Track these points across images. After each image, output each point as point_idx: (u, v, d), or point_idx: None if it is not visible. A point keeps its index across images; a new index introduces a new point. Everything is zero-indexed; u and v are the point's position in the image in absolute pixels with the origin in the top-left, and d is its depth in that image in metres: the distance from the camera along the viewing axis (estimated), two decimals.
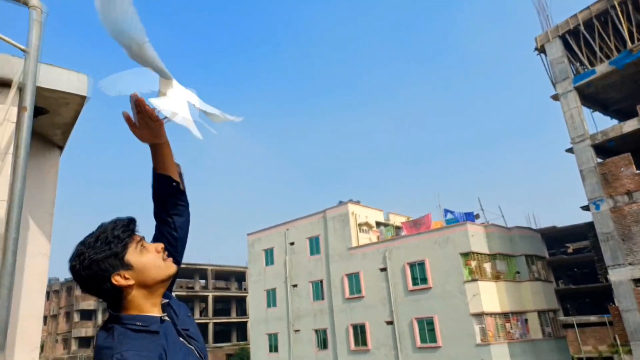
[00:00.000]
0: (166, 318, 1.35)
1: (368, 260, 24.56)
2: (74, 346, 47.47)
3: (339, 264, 25.82)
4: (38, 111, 2.79)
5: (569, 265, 38.54)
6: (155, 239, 1.49)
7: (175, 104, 1.31)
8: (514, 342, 20.93)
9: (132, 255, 1.30)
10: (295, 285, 27.88)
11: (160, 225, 1.51)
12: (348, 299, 24.89)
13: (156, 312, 1.34)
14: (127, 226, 1.32)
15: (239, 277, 53.51)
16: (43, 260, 3.23)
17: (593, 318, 30.85)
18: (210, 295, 46.69)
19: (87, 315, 48.78)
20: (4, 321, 1.99)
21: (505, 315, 21.42)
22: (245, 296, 46.57)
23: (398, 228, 27.68)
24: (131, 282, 1.29)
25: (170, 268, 1.35)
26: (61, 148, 3.53)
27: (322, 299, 26.31)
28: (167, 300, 1.40)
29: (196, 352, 1.36)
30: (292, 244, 28.80)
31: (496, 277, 21.92)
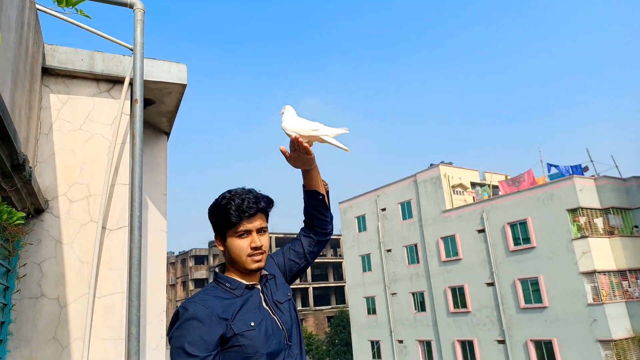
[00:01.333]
0: (257, 286, 1.53)
1: (464, 222, 23.85)
2: None
3: (433, 227, 25.40)
4: (146, 102, 3.07)
5: None
6: (290, 250, 1.76)
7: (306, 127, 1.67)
8: (633, 301, 19.30)
9: (231, 233, 1.49)
10: (389, 250, 28.03)
11: (303, 238, 1.77)
12: (445, 262, 24.51)
13: (247, 280, 1.52)
14: (243, 211, 1.48)
15: (334, 244, 55.05)
16: (162, 236, 3.62)
17: None
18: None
19: (200, 283, 53.58)
20: (137, 286, 2.29)
21: (622, 273, 19.73)
22: (341, 262, 47.89)
23: (495, 187, 26.39)
24: (222, 249, 1.54)
25: (248, 265, 1.50)
26: (167, 134, 3.87)
27: (418, 262, 26.20)
28: (267, 273, 1.59)
29: (278, 323, 1.49)
30: (383, 209, 28.83)
31: (610, 232, 20.14)
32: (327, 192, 1.78)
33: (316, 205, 1.74)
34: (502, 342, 21.43)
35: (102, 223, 2.70)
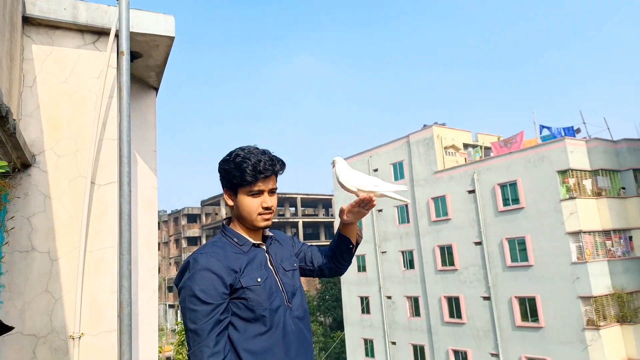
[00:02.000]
0: (262, 246, 1.60)
1: (455, 183, 24.07)
2: None
3: (424, 187, 25.62)
4: (133, 56, 2.99)
5: None
6: (310, 251, 1.87)
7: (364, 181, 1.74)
8: (614, 260, 19.90)
9: (243, 191, 1.54)
10: (380, 210, 28.35)
11: (323, 258, 1.86)
12: (434, 222, 24.90)
13: (252, 238, 1.59)
14: (259, 172, 1.52)
15: (326, 204, 55.57)
16: (153, 193, 3.61)
17: None
18: (300, 221, 49.32)
19: (193, 241, 54.17)
20: (127, 240, 2.30)
21: (606, 233, 20.23)
22: (333, 221, 48.49)
23: (487, 149, 26.48)
24: (230, 204, 1.58)
25: (258, 223, 1.56)
26: (156, 89, 3.79)
27: (408, 222, 26.59)
28: (272, 235, 1.67)
29: (279, 284, 1.57)
30: (375, 170, 28.92)
31: (597, 193, 20.48)
32: (358, 244, 1.86)
33: (344, 251, 1.83)
34: (488, 298, 22.15)
35: (90, 178, 2.68)
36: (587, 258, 19.20)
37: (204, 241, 52.03)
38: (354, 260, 29.81)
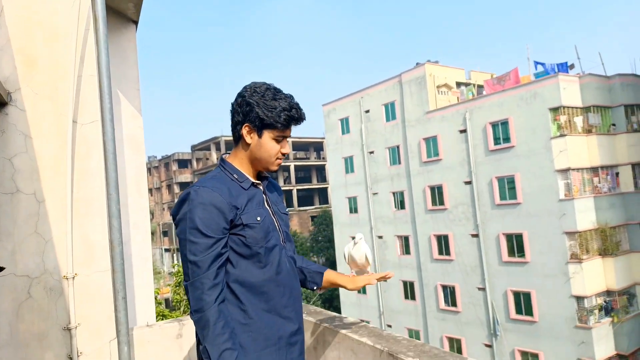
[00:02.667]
0: (259, 186, 1.60)
1: (446, 123, 23.97)
2: None
3: (415, 128, 25.52)
4: None
5: None
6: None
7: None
8: (600, 196, 20.35)
9: (267, 134, 1.52)
10: (372, 152, 28.38)
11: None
12: (425, 162, 25.05)
13: (252, 177, 1.59)
14: (294, 119, 1.53)
15: (317, 147, 55.41)
16: (138, 132, 3.51)
17: None
18: (292, 164, 49.33)
19: (185, 186, 54.30)
20: (114, 180, 2.24)
21: (594, 170, 20.54)
22: (324, 164, 48.62)
23: (480, 87, 26.16)
24: (248, 141, 1.55)
25: (272, 165, 1.58)
26: (135, 23, 3.58)
27: (399, 163, 26.72)
28: (268, 177, 1.68)
29: (276, 224, 1.59)
30: (367, 111, 28.63)
31: (588, 130, 20.56)
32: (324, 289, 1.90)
33: (305, 285, 1.85)
34: (476, 235, 22.77)
35: (72, 117, 2.57)
36: (574, 195, 19.60)
37: None
38: (346, 202, 30.22)
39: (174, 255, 49.46)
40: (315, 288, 1.81)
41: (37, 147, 2.52)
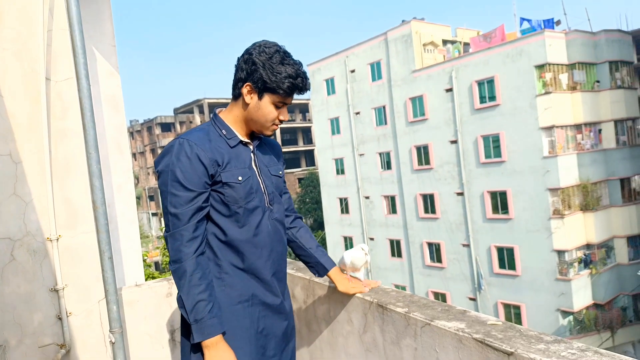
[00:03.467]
0: (249, 145, 1.58)
1: (433, 82, 23.78)
2: None
3: (402, 88, 25.30)
4: None
5: None
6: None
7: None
8: (583, 153, 20.67)
9: (268, 98, 1.48)
10: (358, 113, 28.18)
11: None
12: (412, 122, 25.00)
13: (242, 135, 1.57)
14: (298, 89, 1.49)
15: (303, 108, 54.81)
16: (117, 91, 3.39)
17: None
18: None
19: None
20: (93, 138, 2.17)
21: (578, 127, 20.75)
22: (310, 126, 48.28)
23: (467, 45, 25.85)
24: (247, 101, 1.50)
25: (266, 130, 1.55)
26: None
27: (385, 123, 26.63)
28: (261, 138, 1.64)
29: (262, 185, 1.57)
30: (352, 71, 28.21)
31: (572, 88, 20.61)
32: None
33: (297, 255, 1.89)
34: (461, 194, 23.11)
35: (45, 74, 2.46)
36: (558, 152, 19.87)
37: None
38: (333, 164, 30.26)
39: (161, 219, 49.44)
40: (316, 275, 1.88)
41: (10, 106, 2.41)
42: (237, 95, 1.54)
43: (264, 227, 1.55)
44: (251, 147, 1.58)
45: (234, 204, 1.49)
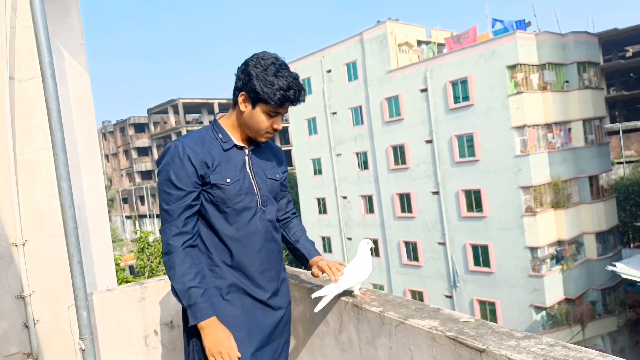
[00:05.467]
0: (245, 149, 1.65)
1: (408, 82, 24.03)
2: (137, 179, 52.62)
3: (377, 88, 25.48)
4: None
5: (624, 71, 36.53)
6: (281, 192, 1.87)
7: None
8: (554, 151, 21.21)
9: (261, 107, 1.55)
10: (334, 113, 28.26)
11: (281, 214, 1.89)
12: (388, 122, 25.21)
13: (238, 139, 1.65)
14: (289, 100, 1.54)
15: None
16: (86, 91, 3.30)
17: None
18: None
19: (143, 151, 52.74)
20: (60, 140, 2.10)
21: (548, 126, 21.28)
22: (287, 126, 48.15)
23: (441, 45, 26.21)
24: (242, 109, 1.59)
25: (260, 138, 1.63)
26: None
27: (362, 123, 26.78)
28: (255, 146, 1.71)
29: (255, 187, 1.64)
30: (329, 71, 28.27)
31: (543, 88, 21.14)
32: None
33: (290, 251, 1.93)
34: (437, 193, 23.42)
35: (8, 72, 2.38)
36: (529, 151, 20.34)
37: (154, 151, 50.74)
38: (310, 164, 30.27)
39: (136, 222, 48.51)
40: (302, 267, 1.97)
41: None
42: (235, 102, 1.63)
43: (253, 226, 1.63)
44: (246, 150, 1.66)
45: (222, 204, 1.58)
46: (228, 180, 1.57)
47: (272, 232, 1.70)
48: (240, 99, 1.58)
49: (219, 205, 1.58)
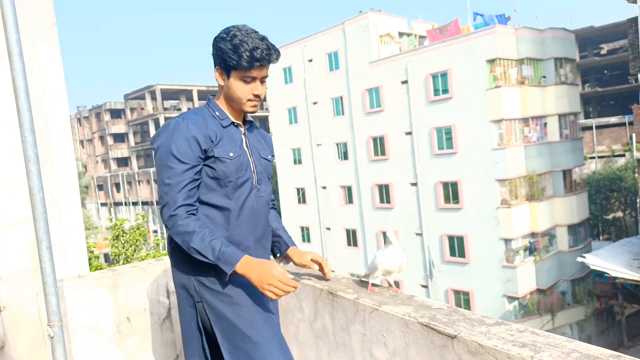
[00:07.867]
0: (240, 127, 1.68)
1: (389, 74, 24.08)
2: (113, 165, 51.61)
3: (359, 78, 25.46)
4: None
5: (599, 68, 37.33)
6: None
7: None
8: (530, 145, 21.62)
9: (236, 75, 1.56)
10: (315, 103, 28.16)
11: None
12: (368, 113, 25.26)
13: (234, 117, 1.66)
14: (256, 59, 1.52)
15: None
16: (58, 73, 3.19)
17: (613, 119, 31.19)
18: None
19: (120, 137, 51.68)
20: (29, 121, 2.03)
21: (525, 120, 21.66)
22: (267, 115, 47.78)
23: (422, 37, 26.29)
24: (221, 83, 1.62)
25: (245, 107, 1.62)
26: None
27: (343, 114, 26.77)
28: (252, 120, 1.75)
29: (252, 165, 1.66)
30: (310, 60, 28.10)
31: (521, 82, 21.46)
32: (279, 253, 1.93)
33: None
34: (415, 184, 23.66)
35: None
36: (506, 144, 20.69)
37: (131, 137, 49.78)
38: (290, 153, 30.16)
39: (111, 209, 47.66)
40: (277, 255, 1.92)
41: None
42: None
43: (249, 202, 1.65)
44: (242, 129, 1.69)
45: (224, 178, 1.58)
46: (231, 154, 1.59)
47: (264, 211, 1.72)
48: (217, 74, 1.61)
49: (219, 179, 1.59)
